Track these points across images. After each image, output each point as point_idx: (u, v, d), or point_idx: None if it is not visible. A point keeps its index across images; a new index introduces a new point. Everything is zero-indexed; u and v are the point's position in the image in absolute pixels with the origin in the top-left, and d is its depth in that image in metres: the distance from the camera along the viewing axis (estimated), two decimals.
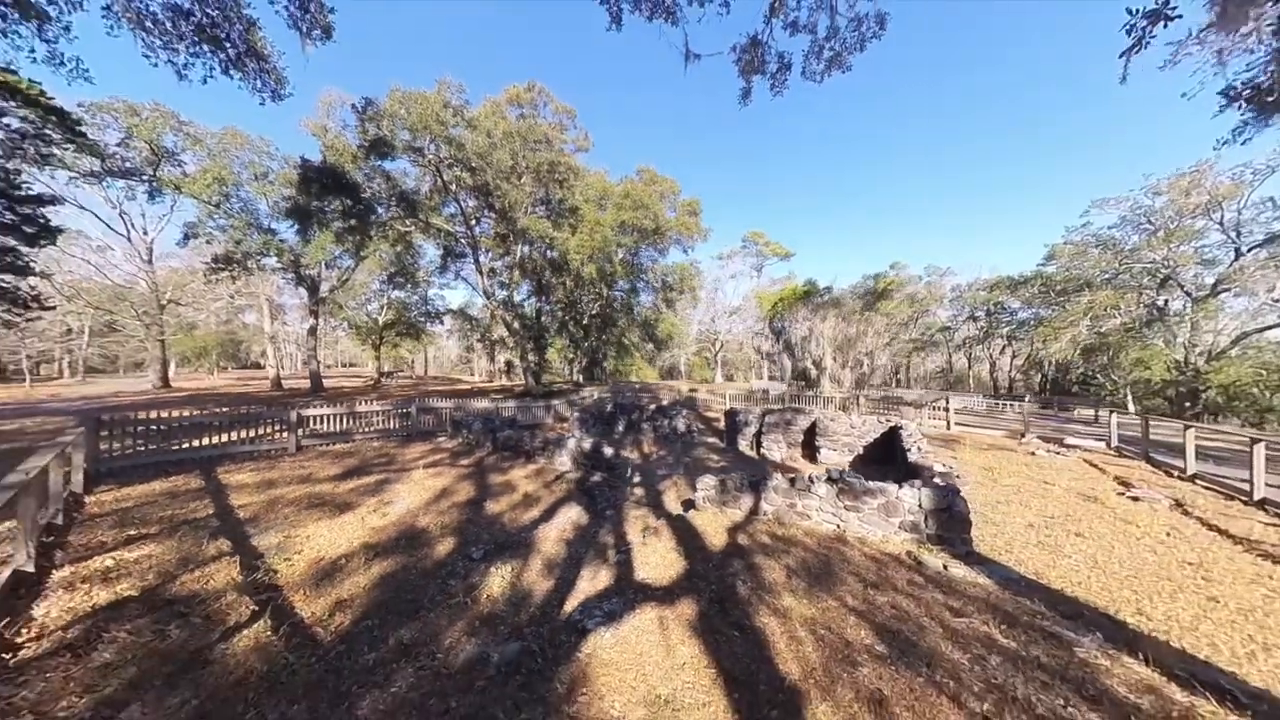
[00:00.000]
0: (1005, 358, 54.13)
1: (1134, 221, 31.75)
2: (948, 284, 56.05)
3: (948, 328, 53.22)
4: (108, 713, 2.39)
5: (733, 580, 3.98)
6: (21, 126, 12.99)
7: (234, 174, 18.02)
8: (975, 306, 51.94)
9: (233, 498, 5.92)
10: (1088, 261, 32.41)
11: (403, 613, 3.57)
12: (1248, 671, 2.82)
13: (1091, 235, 33.28)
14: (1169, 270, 29.12)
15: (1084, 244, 33.75)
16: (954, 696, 2.54)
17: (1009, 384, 53.52)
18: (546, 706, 2.53)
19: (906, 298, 56.03)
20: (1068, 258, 34.03)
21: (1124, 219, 32.33)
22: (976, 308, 51.64)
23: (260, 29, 8.14)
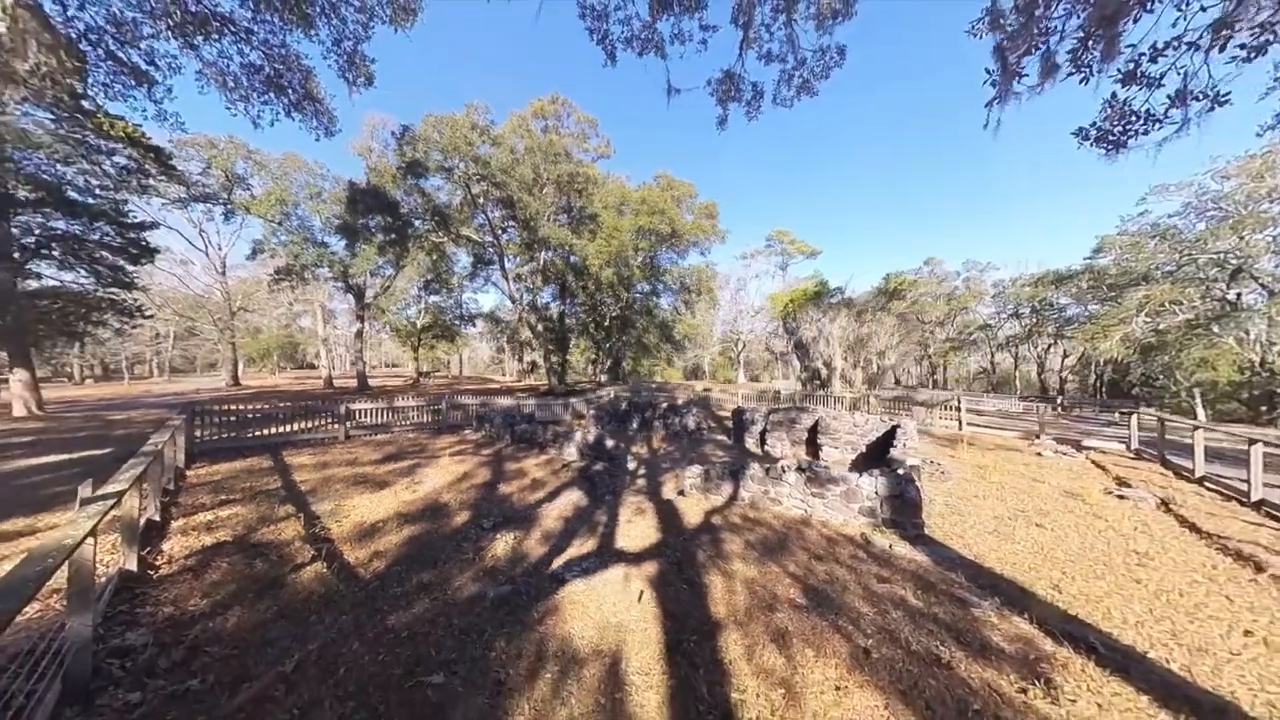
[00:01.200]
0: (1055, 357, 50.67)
1: (1199, 208, 29.24)
2: (988, 279, 53.12)
3: (988, 325, 50.44)
4: (220, 609, 3.39)
5: (695, 550, 4.64)
6: (127, 163, 15.35)
7: (293, 195, 20.25)
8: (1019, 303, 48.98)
9: (295, 475, 7.14)
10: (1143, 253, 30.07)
11: (424, 563, 4.46)
12: (1125, 634, 3.19)
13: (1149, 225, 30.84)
14: (1240, 261, 26.61)
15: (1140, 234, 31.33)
16: (846, 635, 3.11)
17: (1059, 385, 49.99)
18: (523, 626, 3.31)
19: (942, 295, 53.60)
20: (1120, 249, 31.70)
21: (1188, 205, 29.81)
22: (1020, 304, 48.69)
23: (316, 77, 9.50)
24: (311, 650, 2.96)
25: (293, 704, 2.48)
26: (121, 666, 2.68)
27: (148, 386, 30.44)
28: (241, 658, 2.86)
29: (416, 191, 18.68)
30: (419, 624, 3.34)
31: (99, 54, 8.39)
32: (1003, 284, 51.60)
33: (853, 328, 15.88)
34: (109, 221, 14.88)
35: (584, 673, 2.77)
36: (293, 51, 8.96)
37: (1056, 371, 51.02)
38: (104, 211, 14.79)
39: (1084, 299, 37.33)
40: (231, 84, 8.43)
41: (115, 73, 8.60)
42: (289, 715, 2.40)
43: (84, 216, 14.40)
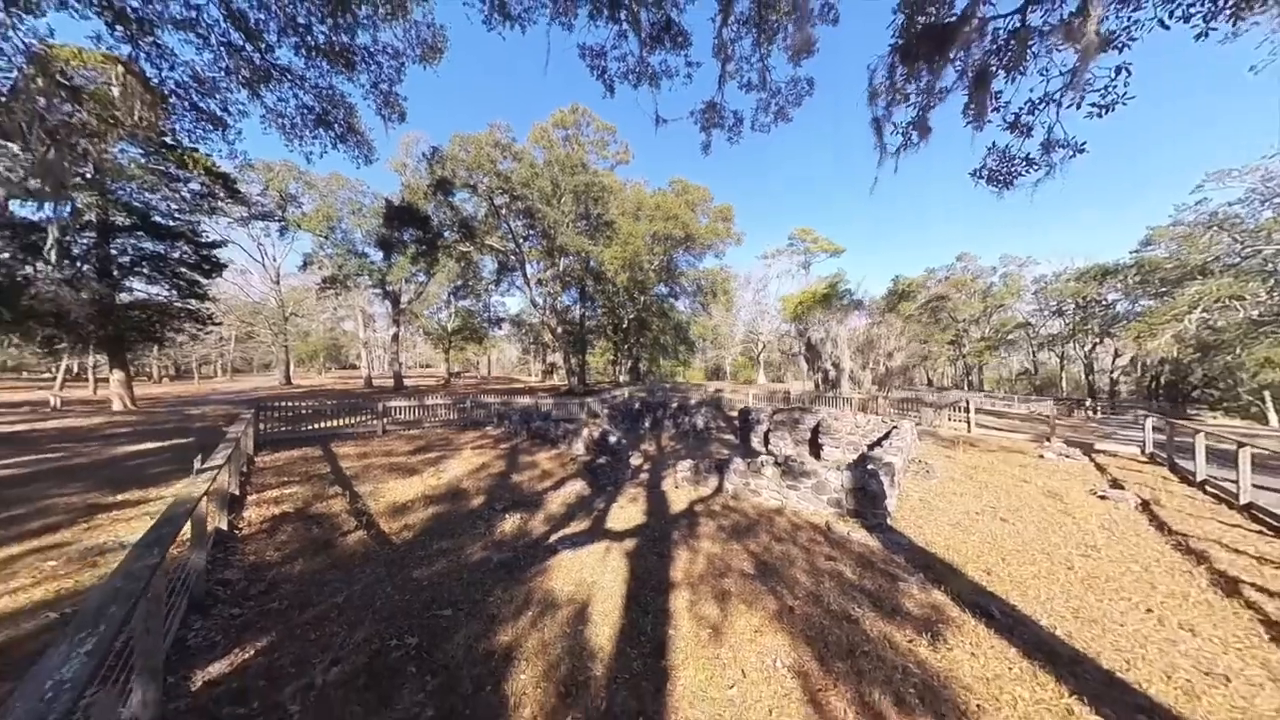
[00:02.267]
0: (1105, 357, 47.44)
1: (1265, 195, 27.00)
2: (1028, 275, 50.41)
3: (1028, 324, 47.88)
4: (288, 560, 4.37)
5: (672, 531, 5.31)
6: (200, 189, 17.48)
7: (337, 211, 22.23)
8: (1061, 300, 46.28)
9: (341, 462, 8.30)
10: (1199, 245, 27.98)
11: (443, 535, 5.35)
12: (1028, 607, 3.62)
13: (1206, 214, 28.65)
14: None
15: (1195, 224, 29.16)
16: (778, 596, 3.72)
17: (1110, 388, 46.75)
18: (517, 582, 4.10)
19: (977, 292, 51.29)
20: (1172, 241, 29.61)
21: (1252, 192, 27.57)
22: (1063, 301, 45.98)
23: (357, 113, 10.76)
24: (355, 590, 3.86)
25: (343, 622, 3.36)
26: (224, 592, 3.67)
27: (214, 385, 33.82)
28: (305, 591, 3.80)
29: (446, 205, 20.18)
30: (436, 577, 4.20)
31: (184, 105, 9.91)
32: (1044, 279, 48.86)
33: (862, 329, 15.87)
34: (186, 241, 17.02)
35: (558, 613, 3.53)
36: (338, 92, 10.22)
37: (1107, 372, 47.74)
38: (182, 232, 16.93)
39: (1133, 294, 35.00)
40: (288, 125, 9.74)
41: (197, 120, 10.12)
42: (340, 627, 3.28)
43: (167, 238, 16.55)
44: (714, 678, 2.76)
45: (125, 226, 15.62)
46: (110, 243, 15.58)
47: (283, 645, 3.06)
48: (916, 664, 2.89)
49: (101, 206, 14.93)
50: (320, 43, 9.37)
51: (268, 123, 9.77)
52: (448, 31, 10.13)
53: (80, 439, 10.17)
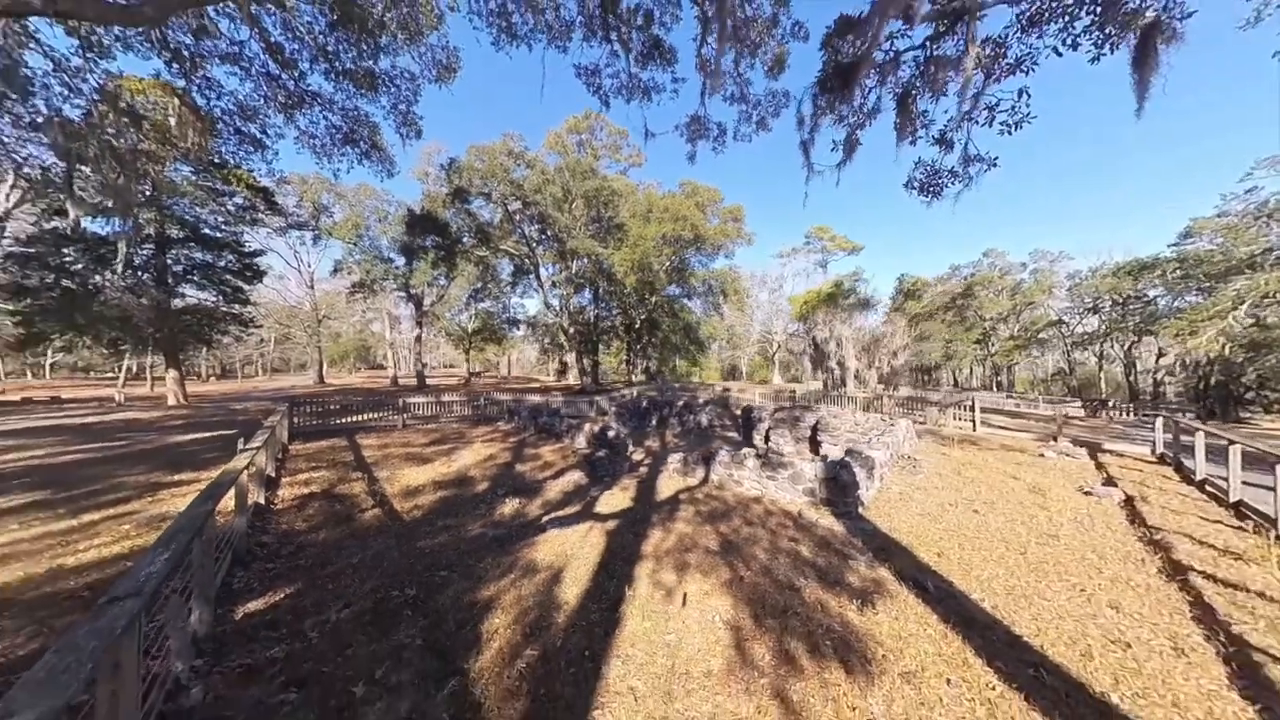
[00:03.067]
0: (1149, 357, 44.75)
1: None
2: (1061, 271, 48.19)
3: (1059, 322, 45.73)
4: (314, 530, 5.06)
5: (652, 514, 5.77)
6: (243, 202, 19.00)
7: (364, 219, 23.62)
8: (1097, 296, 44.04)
9: (363, 451, 9.12)
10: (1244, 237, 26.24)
11: (448, 515, 5.97)
12: (965, 584, 3.90)
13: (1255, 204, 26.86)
14: None
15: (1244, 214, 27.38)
16: (733, 568, 4.13)
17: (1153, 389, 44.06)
18: (506, 553, 4.65)
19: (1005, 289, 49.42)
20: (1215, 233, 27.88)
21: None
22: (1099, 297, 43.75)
23: (380, 131, 11.66)
24: (367, 554, 4.50)
25: (356, 576, 3.98)
26: (261, 551, 4.36)
27: (255, 384, 36.24)
28: (326, 554, 4.45)
29: (463, 212, 21.24)
30: (437, 547, 4.79)
31: (229, 130, 11.03)
32: (1078, 275, 46.61)
33: (867, 328, 15.77)
34: (231, 250, 18.56)
35: (536, 577, 4.05)
36: (362, 113, 11.15)
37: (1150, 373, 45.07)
38: (228, 243, 18.47)
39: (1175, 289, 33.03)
40: (319, 145, 10.74)
41: (240, 143, 11.25)
42: (353, 581, 3.90)
43: (214, 248, 18.11)
44: (657, 627, 3.22)
45: (179, 239, 17.20)
46: (166, 253, 17.19)
47: (306, 592, 3.69)
48: (841, 624, 3.26)
49: (159, 221, 16.51)
50: (347, 67, 10.30)
51: (301, 143, 10.80)
52: (461, 52, 10.92)
53: (141, 429, 11.43)
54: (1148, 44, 3.04)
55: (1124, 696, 2.58)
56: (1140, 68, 3.07)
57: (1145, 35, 3.03)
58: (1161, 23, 3.04)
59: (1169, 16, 2.97)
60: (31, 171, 12.18)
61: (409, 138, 10.71)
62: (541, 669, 2.77)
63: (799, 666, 2.81)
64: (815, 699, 2.54)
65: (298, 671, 2.70)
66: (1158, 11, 2.92)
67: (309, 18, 9.78)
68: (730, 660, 2.87)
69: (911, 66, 3.64)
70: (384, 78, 10.22)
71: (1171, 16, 2.93)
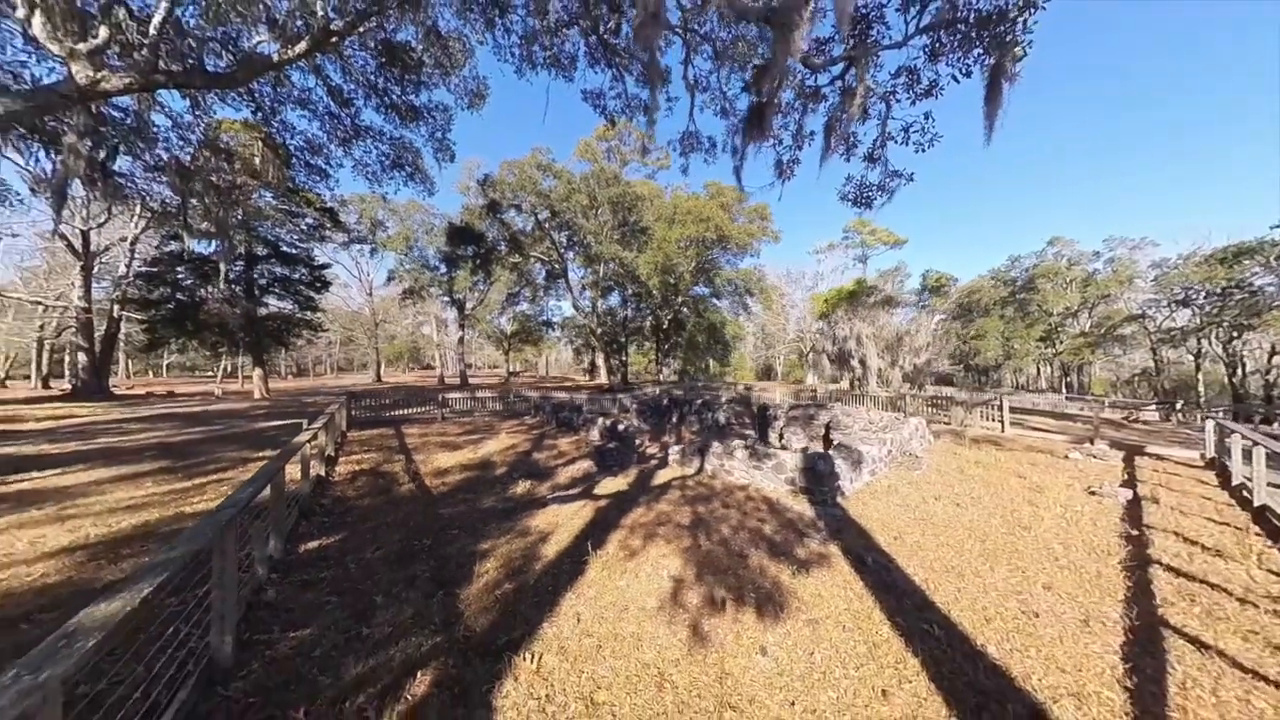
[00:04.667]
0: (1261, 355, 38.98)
1: None
2: (1143, 259, 43.27)
3: (1140, 316, 41.02)
4: (362, 497, 6.18)
5: (640, 495, 6.42)
6: (313, 222, 21.66)
7: (414, 232, 25.99)
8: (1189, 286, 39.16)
9: (406, 439, 10.45)
10: None
11: (468, 491, 6.95)
12: (904, 561, 4.21)
13: None
14: None
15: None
16: (695, 539, 4.70)
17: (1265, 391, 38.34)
18: (509, 520, 5.49)
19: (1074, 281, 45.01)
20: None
21: None
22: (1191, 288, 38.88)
23: (422, 156, 13.15)
24: (399, 516, 5.51)
25: (388, 531, 4.96)
26: (320, 510, 5.49)
27: (323, 381, 40.59)
28: (368, 514, 5.51)
29: (498, 223, 22.90)
30: (455, 515, 5.73)
31: (300, 163, 12.93)
32: (1165, 264, 41.59)
33: (890, 326, 15.24)
34: (304, 265, 21.23)
35: (527, 537, 4.84)
36: (407, 140, 12.65)
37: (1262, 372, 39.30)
38: (301, 258, 21.16)
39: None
40: (371, 172, 12.39)
41: (309, 172, 13.16)
42: (385, 533, 4.88)
43: (291, 263, 20.81)
44: (612, 576, 3.88)
45: (263, 256, 19.98)
46: (253, 269, 20.02)
47: (349, 539, 4.71)
48: (772, 584, 3.76)
49: (248, 241, 19.29)
50: (393, 100, 11.79)
51: (357, 171, 12.46)
52: (489, 81, 12.12)
53: (234, 417, 13.63)
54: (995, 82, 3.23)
55: (1001, 649, 2.92)
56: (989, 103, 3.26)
57: (992, 75, 3.23)
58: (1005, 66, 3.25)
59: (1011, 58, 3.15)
60: (154, 205, 14.82)
61: (444, 161, 12.12)
62: (513, 596, 3.53)
63: (720, 609, 3.36)
64: (723, 630, 3.10)
65: (338, 587, 3.63)
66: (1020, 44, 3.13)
67: (361, 62, 11.30)
68: (664, 601, 3.48)
69: (837, 94, 3.99)
70: (423, 110, 11.61)
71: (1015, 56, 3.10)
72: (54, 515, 5.11)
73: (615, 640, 2.97)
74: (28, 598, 3.27)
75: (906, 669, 2.72)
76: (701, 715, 2.34)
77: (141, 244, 22.06)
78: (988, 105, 3.50)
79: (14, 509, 5.30)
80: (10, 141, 11.01)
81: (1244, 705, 2.46)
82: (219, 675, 2.51)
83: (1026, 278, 47.95)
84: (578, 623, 3.19)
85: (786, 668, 2.74)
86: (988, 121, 3.56)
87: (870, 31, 3.94)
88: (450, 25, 10.45)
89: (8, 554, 4.08)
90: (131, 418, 13.43)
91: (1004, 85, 3.43)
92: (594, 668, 2.70)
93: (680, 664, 2.74)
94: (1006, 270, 52.59)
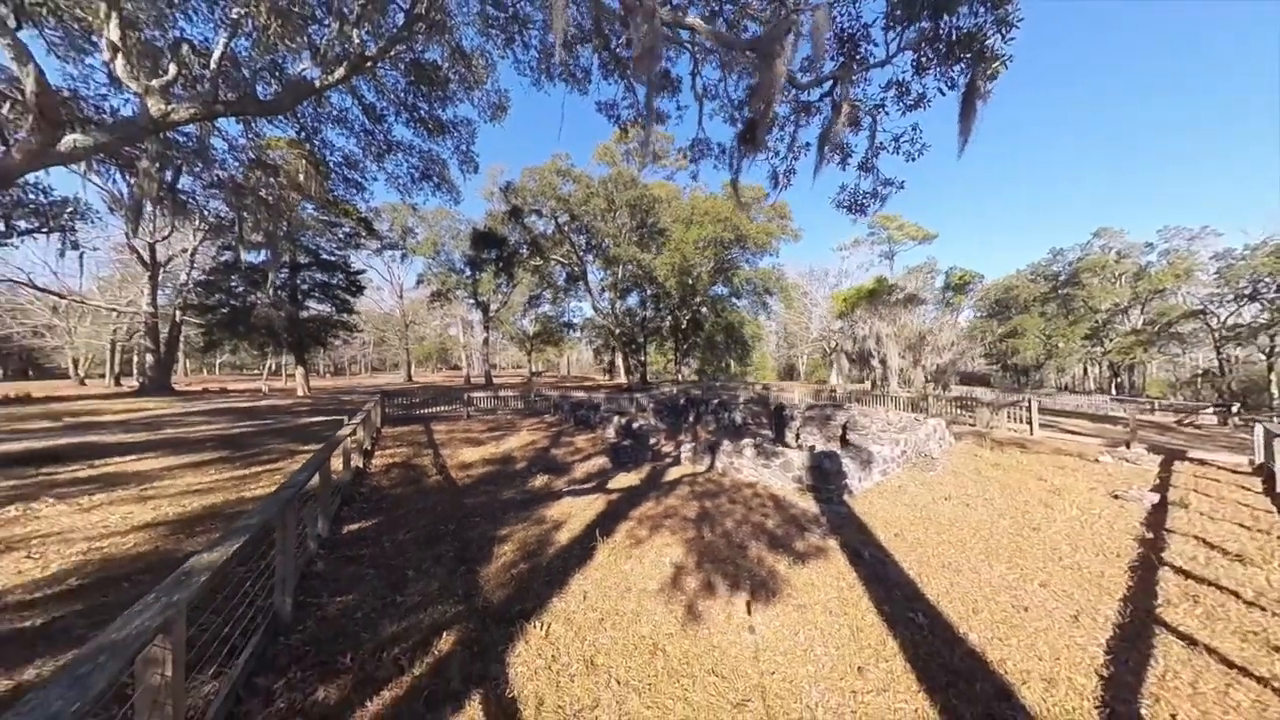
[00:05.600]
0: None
1: None
2: (1204, 250, 40.16)
3: (1200, 311, 38.10)
4: (394, 487, 6.75)
5: (650, 490, 6.71)
6: (349, 231, 23.02)
7: (441, 238, 27.16)
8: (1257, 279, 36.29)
9: (434, 435, 11.11)
10: None
11: (490, 483, 7.42)
12: (900, 555, 4.32)
13: None
14: None
15: None
16: (699, 531, 4.95)
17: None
18: (526, 509, 5.89)
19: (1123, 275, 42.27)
20: None
21: None
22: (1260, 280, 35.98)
23: (448, 168, 13.88)
24: (427, 504, 6.01)
25: (417, 516, 5.45)
26: (359, 497, 6.05)
27: (359, 380, 42.83)
28: (400, 502, 6.03)
29: (520, 227, 23.71)
30: (477, 504, 6.19)
31: (339, 177, 13.90)
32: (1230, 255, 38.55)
33: (912, 325, 14.81)
34: (341, 271, 22.59)
35: (543, 525, 5.22)
36: (434, 153, 13.40)
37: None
38: (339, 264, 22.52)
39: None
40: (402, 184, 13.22)
41: (346, 185, 14.13)
42: (415, 518, 5.37)
43: (330, 269, 22.19)
44: (618, 561, 4.19)
45: (305, 263, 21.41)
46: (297, 275, 21.49)
47: (384, 523, 5.21)
48: (768, 573, 3.98)
49: (292, 250, 20.72)
50: (422, 115, 12.53)
51: (389, 184, 13.29)
52: (510, 94, 12.70)
53: (280, 413, 14.77)
54: (969, 100, 3.26)
55: (982, 637, 3.05)
56: (963, 119, 3.30)
57: (966, 93, 3.27)
58: (977, 85, 3.30)
59: (987, 76, 3.19)
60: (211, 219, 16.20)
61: (468, 172, 12.83)
62: (527, 575, 3.90)
63: (716, 593, 3.62)
64: (716, 611, 3.36)
65: (375, 562, 4.10)
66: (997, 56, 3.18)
67: (392, 81, 12.06)
68: (664, 584, 3.76)
69: (829, 108, 4.13)
70: (449, 124, 12.29)
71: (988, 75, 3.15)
72: (136, 495, 5.87)
73: (616, 615, 3.28)
74: (126, 563, 3.88)
75: (885, 650, 2.90)
76: (688, 679, 2.62)
77: (200, 254, 24.04)
78: (962, 121, 3.58)
79: (104, 488, 6.12)
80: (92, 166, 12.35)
81: (1221, 696, 2.52)
82: (281, 628, 2.98)
83: (1070, 272, 45.33)
84: (584, 599, 3.51)
85: (772, 644, 2.97)
86: (962, 137, 3.63)
87: (858, 50, 4.06)
88: (474, 43, 11.04)
89: (105, 526, 4.78)
90: (191, 412, 14.78)
91: (977, 103, 3.50)
92: (596, 636, 3.01)
93: (674, 637, 3.02)
94: (1047, 264, 49.82)
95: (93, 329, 33.08)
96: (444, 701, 2.38)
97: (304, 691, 2.41)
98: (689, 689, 2.52)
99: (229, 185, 13.03)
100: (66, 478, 6.76)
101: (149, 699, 1.52)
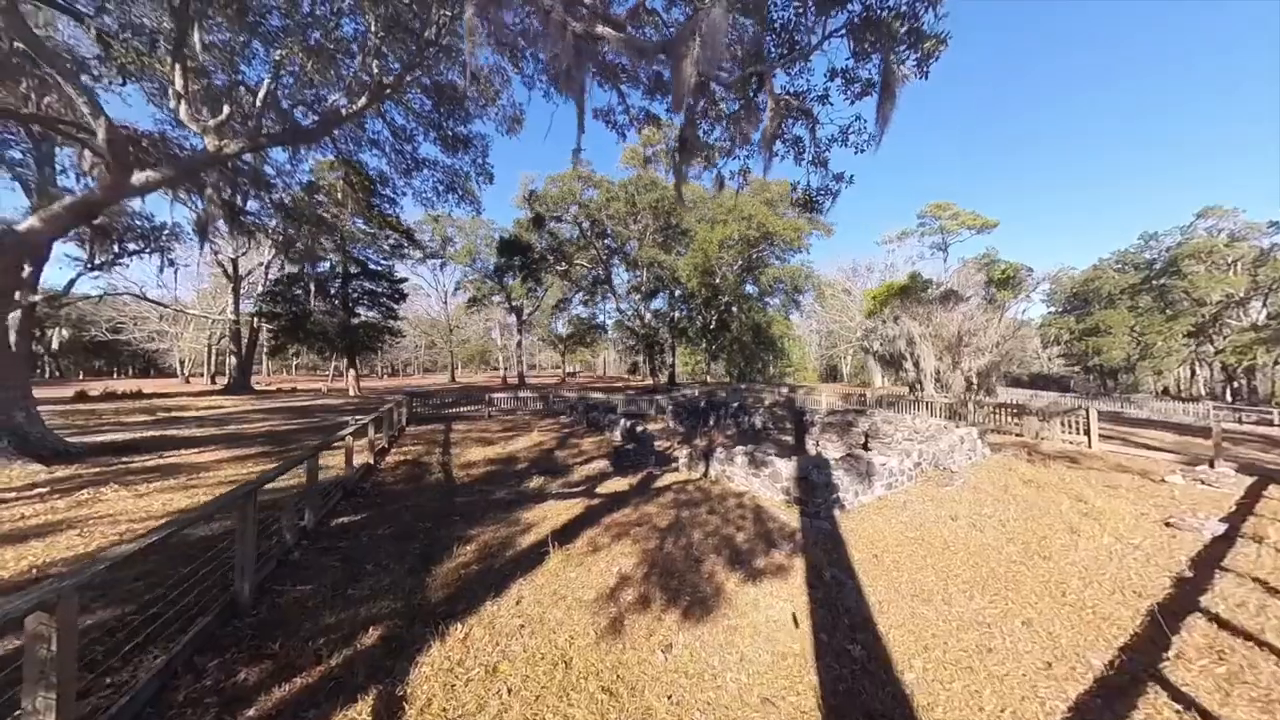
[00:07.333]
0: None
1: None
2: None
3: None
4: (399, 483, 7.22)
5: (635, 497, 6.67)
6: (394, 242, 24.90)
7: (477, 246, 28.68)
8: None
9: (451, 435, 11.75)
10: None
11: (488, 484, 7.73)
12: (876, 581, 3.96)
13: None
14: None
15: None
16: (660, 539, 4.87)
17: None
18: (507, 511, 6.08)
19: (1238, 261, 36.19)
20: None
21: None
22: None
23: (470, 180, 14.65)
24: (419, 501, 6.37)
25: (414, 509, 5.81)
26: (361, 492, 6.55)
27: (408, 380, 46.16)
28: (396, 498, 6.45)
29: (545, 234, 24.51)
30: (465, 504, 6.47)
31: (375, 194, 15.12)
32: None
33: (949, 325, 13.34)
34: (386, 279, 24.49)
35: (514, 528, 5.36)
36: (456, 167, 14.20)
37: None
38: (385, 274, 24.42)
39: None
40: (428, 197, 14.20)
41: (381, 201, 15.41)
42: (400, 514, 5.71)
43: (377, 278, 24.14)
44: (568, 567, 4.22)
45: (354, 273, 23.43)
46: (348, 285, 23.58)
47: (371, 518, 5.60)
48: (712, 589, 3.83)
49: (344, 261, 22.77)
50: (445, 133, 13.31)
51: (416, 199, 14.28)
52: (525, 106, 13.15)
53: (329, 411, 16.27)
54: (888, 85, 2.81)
55: (921, 678, 2.74)
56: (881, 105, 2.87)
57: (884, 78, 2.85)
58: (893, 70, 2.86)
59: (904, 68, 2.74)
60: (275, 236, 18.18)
61: (484, 184, 13.56)
62: (475, 576, 4.03)
63: (649, 607, 3.54)
64: (640, 627, 3.28)
65: (346, 556, 4.43)
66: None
67: (417, 102, 12.91)
68: (601, 595, 3.74)
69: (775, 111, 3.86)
70: (468, 139, 12.99)
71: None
72: (182, 485, 6.73)
73: (539, 623, 3.31)
74: None
75: (803, 683, 2.70)
76: (582, 695, 2.59)
77: (273, 268, 27.06)
78: (880, 108, 3.19)
79: (161, 477, 7.08)
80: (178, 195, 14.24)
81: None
82: (239, 612, 3.30)
83: (1167, 259, 39.34)
84: (517, 604, 3.58)
85: (683, 666, 2.86)
86: (879, 125, 3.24)
87: (793, 38, 3.80)
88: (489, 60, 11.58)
89: (148, 511, 5.53)
90: (258, 409, 16.67)
91: (895, 88, 3.11)
92: (510, 643, 3.06)
93: (585, 650, 3.00)
94: (1138, 251, 43.61)
95: (194, 334, 38.21)
96: (342, 693, 2.53)
97: (229, 673, 2.66)
98: (574, 705, 2.50)
99: (281, 206, 14.60)
100: (137, 466, 7.89)
101: (36, 670, 1.76)
